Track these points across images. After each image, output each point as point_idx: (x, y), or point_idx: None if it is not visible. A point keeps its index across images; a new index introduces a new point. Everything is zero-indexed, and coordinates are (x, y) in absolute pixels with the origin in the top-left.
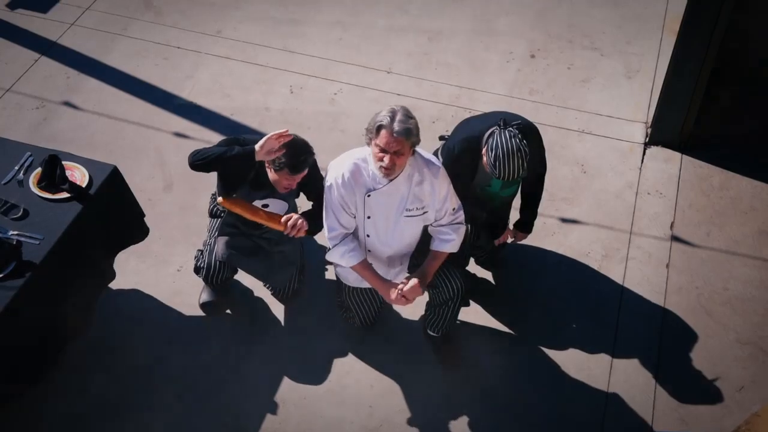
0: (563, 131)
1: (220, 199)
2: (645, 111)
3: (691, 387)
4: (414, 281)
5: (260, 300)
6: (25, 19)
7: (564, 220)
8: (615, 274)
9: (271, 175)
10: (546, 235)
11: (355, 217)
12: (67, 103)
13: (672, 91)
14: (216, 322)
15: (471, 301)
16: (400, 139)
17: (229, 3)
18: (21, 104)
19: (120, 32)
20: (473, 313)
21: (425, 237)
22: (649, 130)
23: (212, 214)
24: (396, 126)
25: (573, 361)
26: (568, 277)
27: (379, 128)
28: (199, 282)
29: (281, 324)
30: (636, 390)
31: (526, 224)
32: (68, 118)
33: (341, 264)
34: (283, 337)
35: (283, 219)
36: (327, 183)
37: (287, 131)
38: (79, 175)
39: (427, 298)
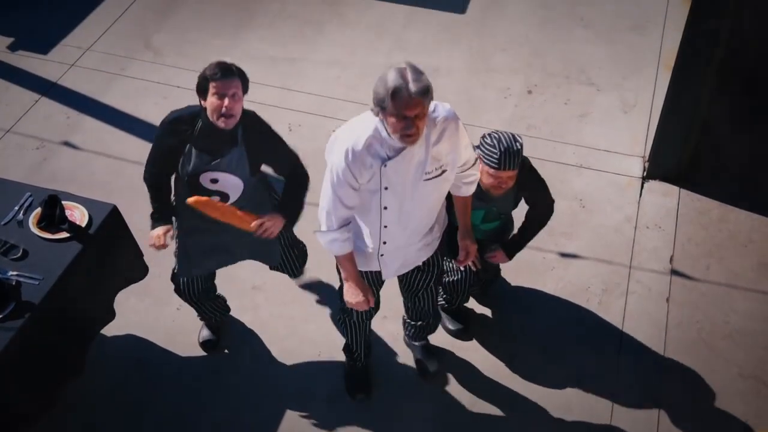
0: (561, 166)
1: (190, 199)
2: (642, 145)
3: (694, 422)
4: (470, 249)
5: (259, 339)
6: (26, 61)
7: (563, 255)
8: (615, 308)
9: (206, 102)
10: (545, 269)
11: (357, 190)
12: (67, 143)
13: (668, 125)
14: (216, 360)
15: (470, 337)
16: (418, 100)
17: (227, 42)
18: (21, 145)
19: (119, 72)
20: (472, 349)
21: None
22: (647, 164)
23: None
24: (412, 87)
25: (574, 397)
26: (568, 312)
27: (395, 93)
28: (198, 320)
29: (282, 363)
30: (638, 425)
31: (510, 248)
32: (68, 158)
33: (328, 248)
34: (284, 375)
35: (254, 223)
36: (330, 164)
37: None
38: (78, 215)
39: (402, 312)
